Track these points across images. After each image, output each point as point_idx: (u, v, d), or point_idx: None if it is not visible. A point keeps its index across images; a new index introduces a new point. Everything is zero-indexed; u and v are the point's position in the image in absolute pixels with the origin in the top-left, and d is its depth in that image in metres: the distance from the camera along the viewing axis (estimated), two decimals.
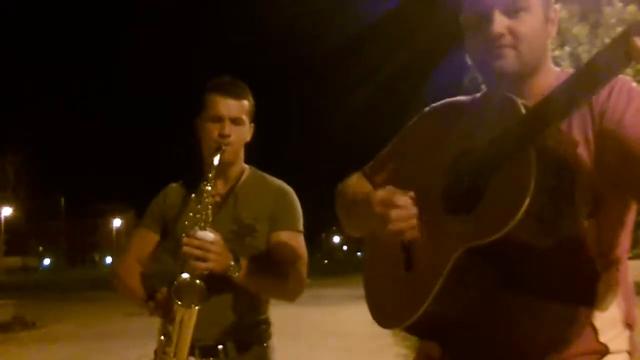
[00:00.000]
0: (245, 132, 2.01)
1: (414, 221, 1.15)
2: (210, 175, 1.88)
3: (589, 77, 0.96)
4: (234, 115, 1.95)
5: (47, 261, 65.12)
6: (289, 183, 2.09)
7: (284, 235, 1.97)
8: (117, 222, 68.06)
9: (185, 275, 1.76)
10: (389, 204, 1.15)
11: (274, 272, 1.92)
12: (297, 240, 1.99)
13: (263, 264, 1.90)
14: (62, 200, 61.39)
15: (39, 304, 15.71)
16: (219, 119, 1.94)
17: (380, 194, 1.18)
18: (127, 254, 2.08)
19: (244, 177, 2.05)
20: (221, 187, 2.02)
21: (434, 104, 1.41)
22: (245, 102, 1.99)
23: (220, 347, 1.89)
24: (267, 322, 2.02)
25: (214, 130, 1.94)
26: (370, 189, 1.36)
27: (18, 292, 20.15)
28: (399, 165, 1.39)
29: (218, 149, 1.91)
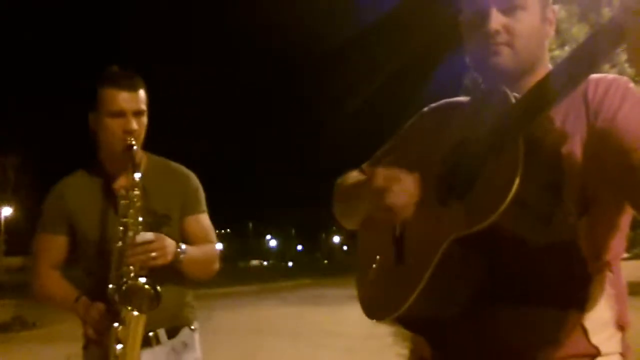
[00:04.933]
0: (146, 122, 1.98)
1: (414, 199, 1.14)
2: (137, 180, 1.86)
3: (583, 59, 0.96)
4: (135, 108, 1.91)
5: None
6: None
7: (196, 219, 2.06)
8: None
9: (133, 281, 1.79)
10: (393, 178, 1.14)
11: (204, 252, 2.04)
12: (206, 221, 2.10)
13: (194, 246, 2.00)
14: None
15: (39, 304, 15.61)
16: (122, 114, 1.89)
17: (384, 170, 1.17)
18: (38, 265, 2.03)
19: (144, 166, 2.00)
20: (124, 180, 1.96)
21: (432, 104, 1.43)
22: (142, 92, 1.95)
23: (151, 334, 1.94)
24: (191, 305, 2.11)
25: (116, 126, 1.89)
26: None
27: (18, 292, 20.10)
28: (396, 163, 1.39)
29: (130, 148, 1.88)
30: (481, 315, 1.12)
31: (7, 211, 45.87)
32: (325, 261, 69.90)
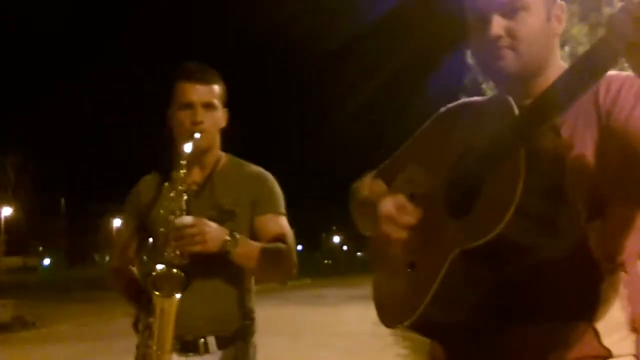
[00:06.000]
0: (219, 118, 1.96)
1: (414, 244, 1.16)
2: (182, 162, 1.83)
3: (585, 70, 0.96)
4: (205, 101, 1.89)
5: (47, 261, 65.07)
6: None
7: (269, 219, 1.96)
8: (117, 222, 68.03)
9: (161, 266, 1.73)
10: (393, 222, 1.16)
11: (268, 249, 1.88)
12: (282, 222, 1.98)
13: (257, 242, 1.89)
14: (62, 200, 61.41)
15: (39, 304, 15.68)
16: (190, 106, 1.89)
17: (387, 208, 1.18)
18: (114, 253, 2.07)
19: (220, 164, 2.00)
20: (197, 176, 1.96)
21: (449, 105, 1.41)
22: (216, 87, 1.94)
23: (201, 341, 1.86)
24: (250, 317, 1.97)
25: (186, 118, 1.89)
26: (380, 191, 1.35)
27: (18, 292, 20.13)
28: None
29: (191, 137, 1.86)
30: (490, 321, 1.12)
31: (7, 211, 45.88)
32: (326, 261, 69.85)
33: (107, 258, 2.02)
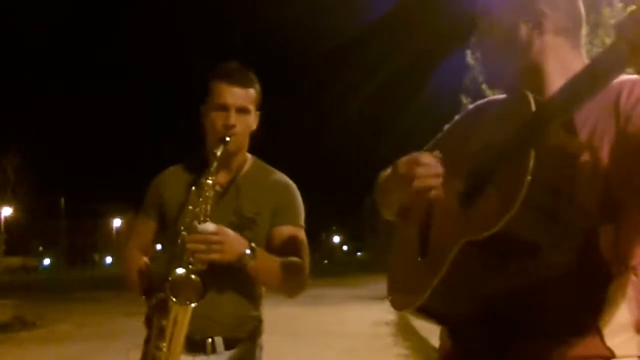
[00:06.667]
0: (250, 122, 1.96)
1: (439, 180, 1.17)
2: (212, 169, 1.84)
3: (590, 77, 0.97)
4: (240, 105, 1.90)
5: (47, 261, 65.09)
6: None
7: (287, 230, 1.95)
8: (117, 222, 67.98)
9: (180, 271, 1.73)
10: (414, 163, 1.18)
11: (284, 264, 1.89)
12: (300, 235, 1.97)
13: (275, 256, 1.89)
14: (62, 200, 61.43)
15: (39, 304, 15.69)
16: (225, 108, 1.89)
17: (405, 157, 1.22)
18: (128, 244, 2.06)
19: (246, 167, 2.01)
20: (222, 177, 1.96)
21: (478, 101, 1.45)
22: (252, 91, 1.94)
23: (208, 341, 1.87)
24: (258, 320, 1.98)
25: (218, 119, 1.89)
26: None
27: (18, 292, 20.14)
28: None
29: (222, 140, 1.86)
30: (493, 314, 1.13)
31: (7, 211, 45.92)
32: (325, 261, 69.88)
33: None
